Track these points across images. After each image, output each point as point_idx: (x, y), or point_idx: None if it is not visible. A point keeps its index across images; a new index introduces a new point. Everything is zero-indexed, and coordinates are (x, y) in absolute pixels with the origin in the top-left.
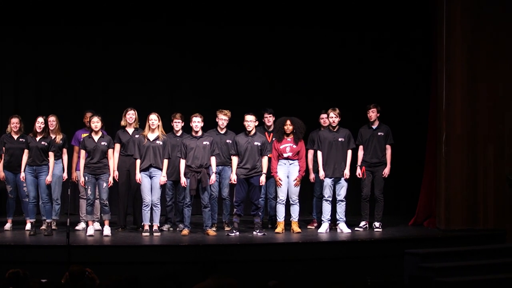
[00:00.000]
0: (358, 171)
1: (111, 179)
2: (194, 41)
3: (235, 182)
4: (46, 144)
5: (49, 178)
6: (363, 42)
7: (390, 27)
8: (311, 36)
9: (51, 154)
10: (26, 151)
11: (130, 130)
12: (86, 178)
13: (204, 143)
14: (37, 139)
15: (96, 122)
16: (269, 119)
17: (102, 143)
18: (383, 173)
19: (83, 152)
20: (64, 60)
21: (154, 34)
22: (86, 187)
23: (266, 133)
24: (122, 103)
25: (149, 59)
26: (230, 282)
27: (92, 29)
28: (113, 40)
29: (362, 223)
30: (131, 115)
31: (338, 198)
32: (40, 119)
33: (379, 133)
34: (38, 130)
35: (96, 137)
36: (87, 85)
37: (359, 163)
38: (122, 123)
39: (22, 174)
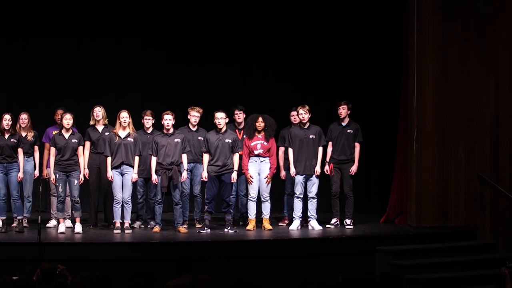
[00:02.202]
0: (326, 167)
1: (81, 176)
2: (166, 37)
3: (206, 180)
4: (15, 141)
5: (20, 175)
6: (335, 37)
7: (362, 22)
8: (281, 31)
9: (20, 151)
10: None
11: (100, 127)
12: (57, 175)
13: (176, 140)
14: (6, 136)
15: (68, 119)
16: (240, 116)
17: (73, 140)
18: (350, 170)
19: (53, 150)
20: (35, 56)
21: (126, 29)
22: (57, 184)
23: (236, 130)
24: (94, 100)
25: (121, 56)
26: (204, 279)
27: (63, 23)
28: (85, 35)
29: (333, 220)
30: (97, 112)
31: (310, 195)
32: (7, 116)
33: (348, 130)
34: (6, 128)
35: (66, 135)
36: (58, 82)
37: (327, 159)
38: (91, 121)
39: None
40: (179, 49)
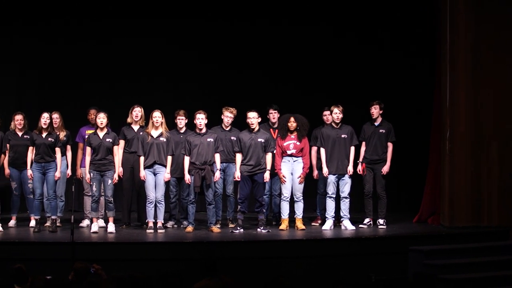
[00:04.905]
0: (359, 167)
1: (116, 176)
2: (199, 38)
3: (239, 179)
4: (52, 140)
5: (57, 174)
6: (367, 38)
7: (394, 24)
8: (315, 33)
9: (57, 150)
10: (31, 148)
11: (136, 127)
12: (92, 174)
13: (208, 140)
14: (43, 135)
15: (102, 119)
16: (274, 116)
17: (107, 139)
18: (382, 170)
19: (88, 149)
20: (68, 56)
21: (159, 30)
22: (91, 184)
23: (271, 129)
24: (126, 100)
25: (154, 56)
26: (227, 282)
27: (97, 25)
28: (119, 36)
29: (366, 220)
30: (137, 112)
31: (342, 195)
32: (45, 115)
33: (380, 130)
34: (44, 126)
35: (101, 134)
36: (90, 82)
37: (360, 159)
38: (128, 120)
39: (29, 172)
40: (213, 49)
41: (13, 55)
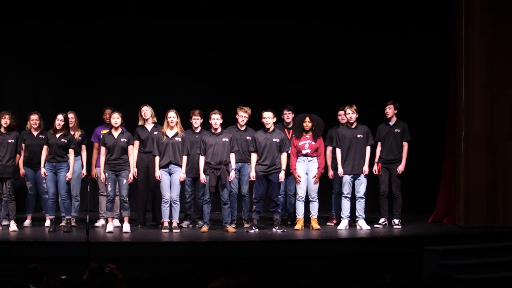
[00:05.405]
0: (375, 167)
1: (131, 175)
2: (215, 38)
3: (254, 179)
4: (65, 141)
5: (69, 175)
6: (381, 38)
7: (409, 23)
8: (329, 33)
9: (71, 151)
10: (45, 147)
11: (149, 126)
12: (107, 174)
13: (224, 139)
14: (57, 136)
15: (116, 118)
16: (289, 116)
17: (122, 139)
18: (397, 170)
19: (103, 149)
20: (84, 55)
21: (176, 30)
22: (106, 183)
23: (285, 129)
24: (142, 99)
25: (169, 55)
26: (242, 281)
27: (113, 24)
28: (135, 36)
29: (381, 220)
30: (145, 110)
31: (358, 195)
32: (60, 116)
33: (395, 130)
34: (58, 127)
35: (115, 134)
36: (106, 82)
37: (376, 159)
38: (140, 122)
39: (43, 170)
40: (229, 50)
41: (29, 55)
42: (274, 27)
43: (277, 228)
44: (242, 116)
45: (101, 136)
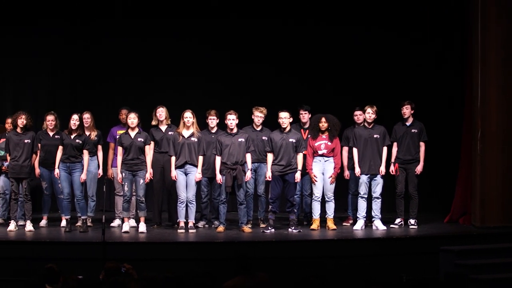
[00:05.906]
0: (392, 168)
1: (148, 175)
2: (231, 38)
3: (270, 179)
4: (80, 142)
5: (83, 176)
6: (398, 39)
7: (425, 23)
8: (346, 34)
9: (85, 152)
10: (60, 147)
11: (163, 127)
12: (123, 174)
13: (240, 140)
14: (72, 136)
15: (133, 119)
16: (305, 116)
17: (139, 139)
18: (416, 170)
19: (120, 149)
20: (100, 56)
21: (192, 30)
22: (123, 183)
23: (302, 130)
24: (157, 100)
25: (185, 56)
26: (261, 279)
27: (130, 25)
28: (151, 36)
29: (397, 220)
30: (160, 112)
31: (374, 195)
32: (75, 117)
33: (412, 130)
34: (73, 128)
35: (132, 134)
36: (122, 82)
37: (392, 160)
38: (153, 122)
39: (56, 171)
40: (244, 50)
41: (46, 55)
42: (290, 28)
43: (293, 228)
44: (258, 116)
45: (118, 136)
